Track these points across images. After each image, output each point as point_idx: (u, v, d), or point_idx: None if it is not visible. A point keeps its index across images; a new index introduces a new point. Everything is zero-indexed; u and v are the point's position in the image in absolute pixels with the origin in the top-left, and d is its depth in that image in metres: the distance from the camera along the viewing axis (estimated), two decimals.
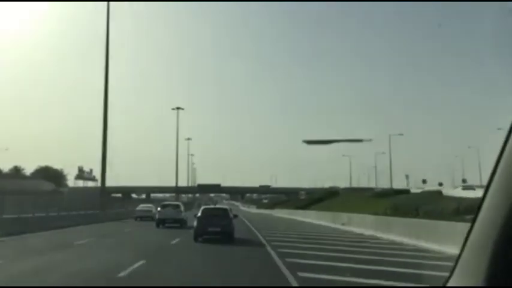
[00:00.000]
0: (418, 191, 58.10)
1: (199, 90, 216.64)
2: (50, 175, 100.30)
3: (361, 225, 26.69)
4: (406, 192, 56.82)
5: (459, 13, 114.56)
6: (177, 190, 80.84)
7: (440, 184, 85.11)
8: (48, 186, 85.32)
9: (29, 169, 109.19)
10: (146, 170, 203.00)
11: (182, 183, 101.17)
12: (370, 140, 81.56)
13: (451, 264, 1.74)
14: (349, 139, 78.76)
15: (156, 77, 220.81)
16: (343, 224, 30.46)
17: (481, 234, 1.58)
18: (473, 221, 1.65)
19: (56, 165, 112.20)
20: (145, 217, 39.93)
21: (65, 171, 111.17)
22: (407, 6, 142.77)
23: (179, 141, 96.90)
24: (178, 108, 77.72)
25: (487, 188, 1.60)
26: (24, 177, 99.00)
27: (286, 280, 9.43)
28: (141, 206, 44.30)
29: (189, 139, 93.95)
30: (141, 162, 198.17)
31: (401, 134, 74.90)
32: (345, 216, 32.37)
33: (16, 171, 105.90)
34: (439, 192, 48.86)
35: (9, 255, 14.18)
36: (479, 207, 1.62)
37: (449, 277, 1.73)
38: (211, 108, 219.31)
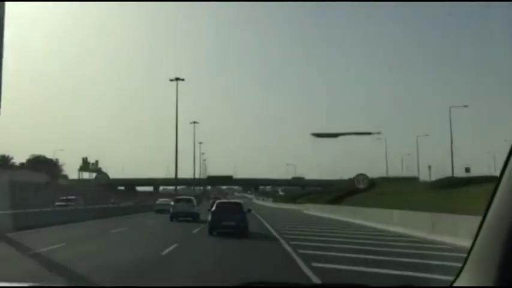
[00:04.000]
0: None
1: (210, 80, 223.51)
2: (42, 166, 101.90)
3: None
4: (490, 179, 43.50)
5: None
6: (177, 182, 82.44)
7: None
8: (40, 177, 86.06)
9: (20, 159, 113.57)
10: (154, 161, 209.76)
11: (191, 174, 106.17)
12: (379, 133, 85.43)
13: None
14: (357, 132, 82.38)
15: (162, 59, 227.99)
16: None
17: (492, 231, 1.70)
18: (483, 217, 1.78)
19: (49, 154, 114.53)
20: (164, 210, 47.58)
21: (61, 162, 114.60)
22: None
23: (188, 128, 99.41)
24: (177, 79, 68.44)
25: (498, 183, 1.74)
26: (13, 167, 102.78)
27: None
28: (160, 200, 57.73)
29: (195, 122, 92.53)
30: (149, 152, 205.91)
31: (466, 106, 74.37)
32: None
33: (4, 160, 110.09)
34: None
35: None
36: (489, 203, 1.76)
37: (458, 275, 1.88)
38: (222, 99, 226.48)
